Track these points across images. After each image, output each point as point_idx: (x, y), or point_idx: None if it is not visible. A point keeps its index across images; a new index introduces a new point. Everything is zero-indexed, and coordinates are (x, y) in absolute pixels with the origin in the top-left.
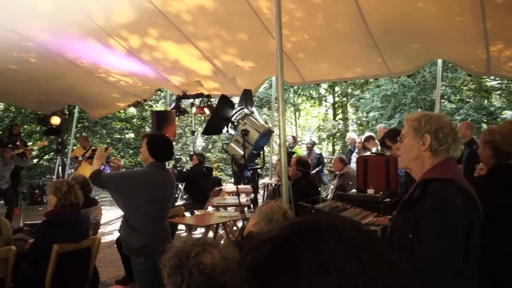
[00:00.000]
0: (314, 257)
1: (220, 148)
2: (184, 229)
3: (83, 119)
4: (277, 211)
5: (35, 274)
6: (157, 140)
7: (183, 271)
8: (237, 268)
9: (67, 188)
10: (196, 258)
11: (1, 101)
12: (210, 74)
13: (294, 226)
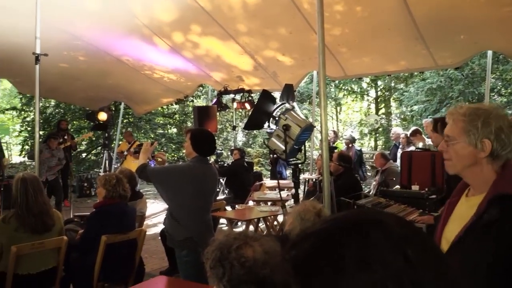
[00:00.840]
0: (357, 251)
1: (261, 143)
2: (226, 223)
3: (128, 115)
4: (310, 210)
5: (85, 263)
6: (200, 135)
7: (224, 263)
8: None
9: (115, 181)
10: (237, 251)
11: (52, 98)
12: (251, 70)
13: (338, 220)
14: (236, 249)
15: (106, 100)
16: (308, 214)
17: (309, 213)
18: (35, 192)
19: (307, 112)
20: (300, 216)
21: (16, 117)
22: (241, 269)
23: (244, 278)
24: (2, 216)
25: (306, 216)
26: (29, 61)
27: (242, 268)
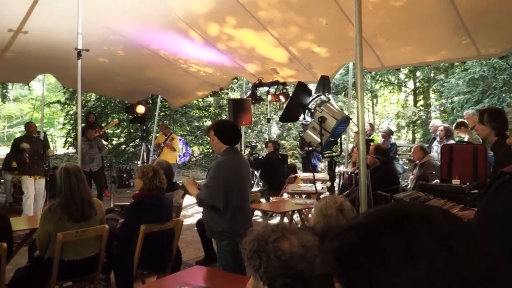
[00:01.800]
0: (401, 245)
1: (295, 136)
2: (260, 215)
3: (165, 108)
4: (331, 206)
5: (125, 251)
6: (223, 126)
7: (261, 255)
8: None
9: (152, 173)
10: (274, 244)
11: (93, 92)
12: (285, 62)
13: (381, 213)
14: (273, 242)
15: (144, 94)
16: (329, 210)
17: (330, 209)
18: (77, 181)
19: (342, 104)
20: (322, 212)
21: (60, 110)
22: (277, 261)
23: (280, 271)
24: (49, 205)
25: (328, 212)
26: (71, 56)
27: (279, 261)
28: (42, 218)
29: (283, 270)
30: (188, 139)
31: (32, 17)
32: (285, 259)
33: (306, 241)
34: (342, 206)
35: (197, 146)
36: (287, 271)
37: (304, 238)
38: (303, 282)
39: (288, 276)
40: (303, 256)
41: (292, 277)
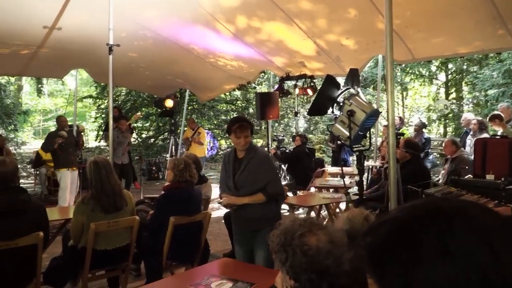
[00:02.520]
0: (438, 240)
1: (323, 130)
2: (287, 209)
3: (193, 102)
4: (358, 215)
5: (154, 242)
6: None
7: (287, 249)
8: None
9: (183, 166)
10: (300, 239)
11: (123, 86)
12: (313, 55)
13: (416, 207)
14: (300, 236)
15: (172, 88)
16: (356, 218)
17: (357, 217)
18: (107, 174)
19: (371, 97)
20: (348, 218)
21: (92, 104)
22: (303, 256)
23: (305, 266)
24: (82, 197)
25: (354, 219)
26: (103, 51)
27: (304, 256)
28: (75, 210)
29: (308, 266)
30: (215, 132)
31: (65, 14)
32: (311, 254)
33: (334, 237)
34: (368, 217)
35: (224, 139)
36: (313, 266)
37: (332, 234)
38: (329, 278)
39: (313, 272)
40: (330, 252)
41: (317, 273)
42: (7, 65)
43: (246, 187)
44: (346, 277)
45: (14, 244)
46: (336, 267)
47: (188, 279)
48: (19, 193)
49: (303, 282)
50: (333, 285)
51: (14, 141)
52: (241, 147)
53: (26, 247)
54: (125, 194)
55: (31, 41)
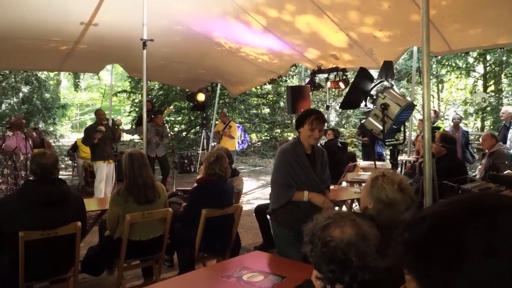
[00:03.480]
0: (482, 237)
1: (354, 124)
2: None
3: (224, 96)
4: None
5: (187, 234)
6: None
7: (312, 240)
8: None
9: (214, 159)
10: (323, 230)
11: (156, 80)
12: (346, 47)
13: (459, 203)
14: (323, 228)
15: (204, 82)
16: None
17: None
18: (140, 167)
19: (405, 90)
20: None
21: (126, 98)
22: (323, 247)
23: (325, 257)
24: (117, 189)
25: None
26: (137, 46)
27: (325, 247)
28: (111, 201)
29: (329, 257)
30: (246, 126)
31: (101, 10)
32: (333, 246)
33: (362, 231)
34: (401, 185)
35: (255, 133)
36: (333, 258)
37: (361, 227)
38: (351, 270)
39: (333, 263)
40: (353, 245)
41: (339, 265)
42: (47, 61)
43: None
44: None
45: (54, 233)
46: (359, 260)
47: (220, 271)
48: (59, 184)
49: (325, 273)
50: (355, 278)
51: (53, 134)
52: (313, 140)
53: (65, 236)
54: (158, 187)
55: (69, 37)
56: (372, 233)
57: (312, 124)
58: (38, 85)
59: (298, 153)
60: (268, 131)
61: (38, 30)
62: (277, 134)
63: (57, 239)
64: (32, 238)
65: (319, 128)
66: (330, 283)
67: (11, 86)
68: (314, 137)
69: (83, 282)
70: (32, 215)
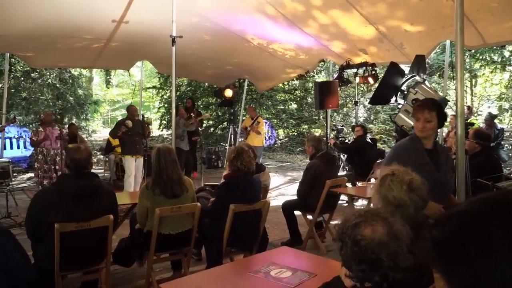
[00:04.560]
0: (510, 234)
1: (383, 119)
2: (346, 200)
3: (251, 91)
4: (398, 189)
5: (215, 229)
6: None
7: (342, 239)
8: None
9: (234, 155)
10: (354, 228)
11: (185, 77)
12: (375, 41)
13: (488, 201)
14: (353, 226)
15: (232, 78)
16: (398, 193)
17: (398, 192)
18: (166, 162)
19: (436, 85)
20: (388, 200)
21: (155, 94)
22: (354, 246)
23: (356, 256)
24: (146, 183)
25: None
26: (166, 43)
27: (355, 246)
28: (140, 195)
29: (359, 256)
30: (273, 122)
31: (132, 8)
32: (363, 245)
33: (394, 230)
34: (411, 185)
35: (282, 129)
36: (364, 257)
37: (393, 227)
38: (382, 270)
39: (363, 263)
40: (384, 245)
41: (369, 265)
42: (81, 58)
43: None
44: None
45: (88, 225)
46: (390, 260)
47: (247, 266)
48: (92, 178)
49: (355, 272)
50: (386, 278)
51: (86, 129)
52: (419, 132)
53: (98, 228)
54: (185, 181)
55: (101, 35)
56: (404, 232)
57: (415, 113)
58: (71, 82)
59: (417, 148)
60: (295, 127)
61: (71, 29)
62: (304, 130)
63: (90, 231)
64: (67, 230)
65: (423, 117)
66: (359, 282)
67: (46, 83)
68: (419, 128)
69: (114, 273)
70: (67, 207)
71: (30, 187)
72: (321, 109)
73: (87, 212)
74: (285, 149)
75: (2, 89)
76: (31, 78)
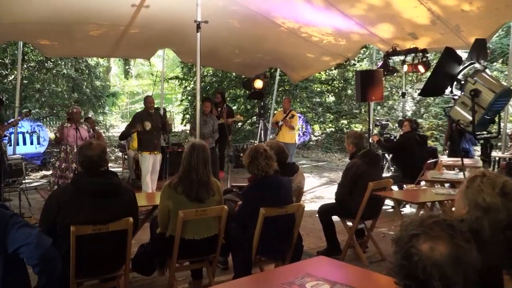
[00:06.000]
0: None
1: (435, 113)
2: (391, 205)
3: (284, 82)
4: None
5: (243, 234)
6: None
7: (396, 247)
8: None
9: (249, 161)
10: (411, 239)
11: (210, 66)
12: (427, 24)
13: None
14: (410, 237)
15: (262, 67)
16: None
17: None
18: (198, 162)
19: (498, 74)
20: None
21: (178, 86)
22: (404, 259)
23: (404, 270)
24: (169, 181)
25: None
26: (190, 29)
27: (405, 258)
28: (162, 194)
29: (406, 271)
30: (308, 116)
31: None
32: (416, 260)
33: (460, 253)
34: (504, 189)
35: (318, 124)
36: (411, 274)
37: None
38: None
39: (409, 280)
40: (441, 268)
41: (415, 283)
42: (97, 46)
43: None
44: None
45: (106, 228)
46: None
47: (279, 277)
48: (111, 176)
49: (401, 286)
50: None
51: (103, 124)
52: None
53: (116, 232)
54: (212, 184)
55: (120, 21)
56: (472, 258)
57: None
58: (88, 72)
59: None
60: (333, 122)
61: (88, 15)
62: (344, 125)
63: (108, 235)
64: (84, 233)
65: None
66: None
67: (61, 73)
68: None
69: (133, 281)
70: (84, 208)
71: (43, 186)
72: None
73: (105, 214)
74: (321, 146)
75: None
76: (45, 68)
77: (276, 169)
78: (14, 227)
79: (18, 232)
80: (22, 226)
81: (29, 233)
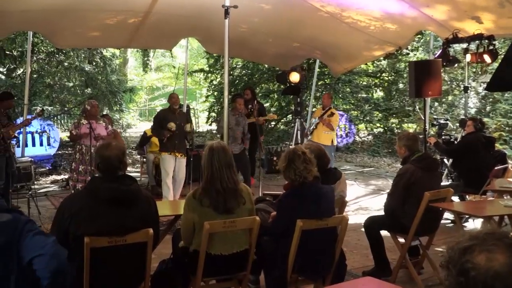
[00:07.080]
0: None
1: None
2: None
3: (323, 75)
4: None
5: (278, 250)
6: None
7: (449, 266)
8: None
9: (285, 165)
10: (463, 254)
11: (239, 57)
12: (494, 6)
13: None
14: (463, 250)
15: (299, 58)
16: None
17: None
18: (220, 166)
19: None
20: None
21: (202, 79)
22: (459, 275)
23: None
24: (193, 190)
25: None
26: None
27: (461, 275)
28: (185, 205)
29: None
30: (352, 114)
31: None
32: (473, 275)
33: None
34: None
35: (365, 124)
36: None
37: None
38: None
39: None
40: (503, 278)
41: None
42: (114, 36)
43: None
44: None
45: (123, 241)
46: None
47: None
48: (129, 182)
49: None
50: None
51: (119, 123)
52: None
53: (135, 244)
54: (242, 190)
55: (138, 7)
56: None
57: None
58: (103, 65)
59: None
60: (381, 121)
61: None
62: (394, 125)
63: (126, 248)
64: (99, 245)
65: None
66: None
67: (73, 66)
68: None
69: None
70: (98, 218)
71: (54, 192)
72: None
73: (122, 224)
74: (367, 149)
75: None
76: (56, 61)
77: (316, 175)
78: (28, 234)
79: (32, 240)
80: (37, 234)
81: (44, 241)
